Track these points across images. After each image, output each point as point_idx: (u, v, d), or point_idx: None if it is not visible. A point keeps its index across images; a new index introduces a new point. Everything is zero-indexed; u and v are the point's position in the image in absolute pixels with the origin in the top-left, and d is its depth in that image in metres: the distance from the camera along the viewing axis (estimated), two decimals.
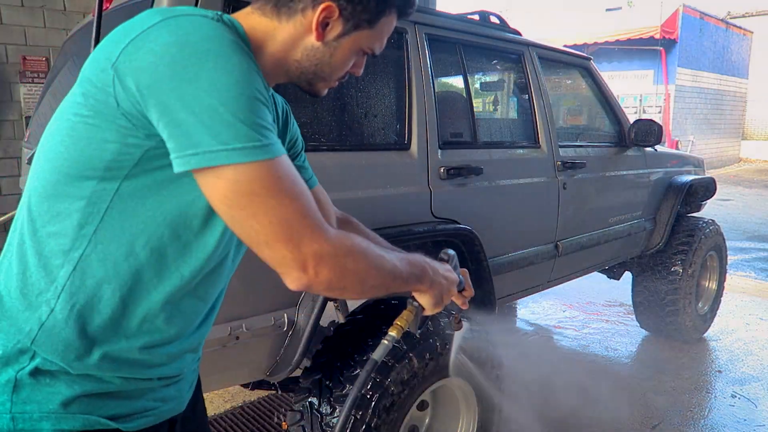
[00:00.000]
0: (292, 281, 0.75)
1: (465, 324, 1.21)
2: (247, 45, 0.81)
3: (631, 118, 3.28)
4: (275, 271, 0.76)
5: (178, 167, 0.71)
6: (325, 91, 0.95)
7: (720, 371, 3.34)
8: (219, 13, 0.81)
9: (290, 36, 0.86)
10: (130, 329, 0.79)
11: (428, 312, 1.03)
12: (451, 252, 1.10)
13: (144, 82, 0.69)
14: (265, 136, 0.71)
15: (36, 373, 0.75)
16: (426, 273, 0.95)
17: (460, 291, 1.11)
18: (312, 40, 0.87)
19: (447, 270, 1.03)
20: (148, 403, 0.84)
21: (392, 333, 1.03)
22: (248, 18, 0.86)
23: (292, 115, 1.11)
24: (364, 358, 1.69)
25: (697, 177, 3.72)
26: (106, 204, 0.75)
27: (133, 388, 0.82)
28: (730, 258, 5.68)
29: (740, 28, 17.55)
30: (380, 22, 0.90)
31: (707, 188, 3.85)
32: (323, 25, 0.86)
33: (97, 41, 1.65)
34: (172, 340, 0.85)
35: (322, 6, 0.84)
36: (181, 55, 0.69)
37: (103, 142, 0.73)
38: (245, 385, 2.04)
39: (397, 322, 1.05)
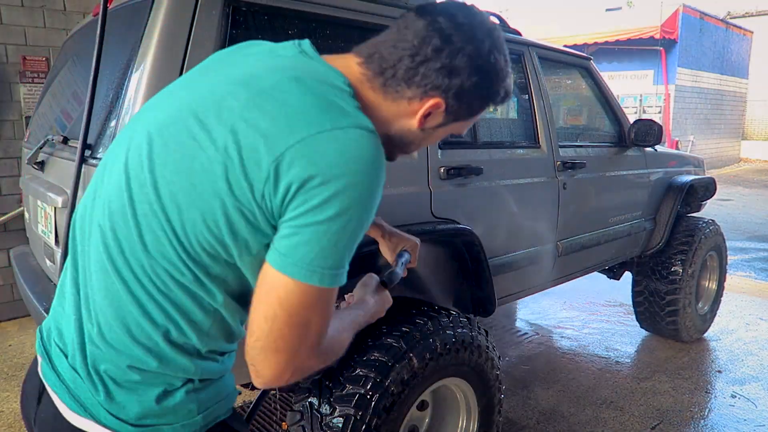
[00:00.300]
0: (262, 383, 0.81)
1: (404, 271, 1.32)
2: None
3: (631, 118, 3.28)
4: (247, 363, 0.81)
5: (273, 262, 0.77)
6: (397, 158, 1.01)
7: (720, 371, 3.35)
8: (350, 90, 0.85)
9: (391, 114, 0.91)
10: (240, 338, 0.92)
11: None
12: (395, 275, 1.21)
13: (297, 195, 0.74)
14: (348, 264, 0.80)
15: (205, 380, 0.88)
16: (366, 321, 1.06)
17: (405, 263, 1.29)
18: (411, 123, 0.91)
19: (381, 300, 1.13)
20: None
21: None
22: (361, 87, 0.89)
23: None
24: (365, 358, 1.69)
25: (697, 177, 3.72)
26: (226, 272, 0.83)
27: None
28: (730, 258, 5.68)
29: (740, 28, 17.55)
30: (477, 114, 0.96)
31: (707, 188, 3.85)
32: (426, 115, 0.90)
33: (101, 40, 1.65)
34: None
35: (431, 102, 0.88)
36: (338, 187, 0.74)
37: (242, 228, 0.79)
38: (245, 385, 2.04)
39: None
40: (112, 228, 0.84)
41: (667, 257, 3.52)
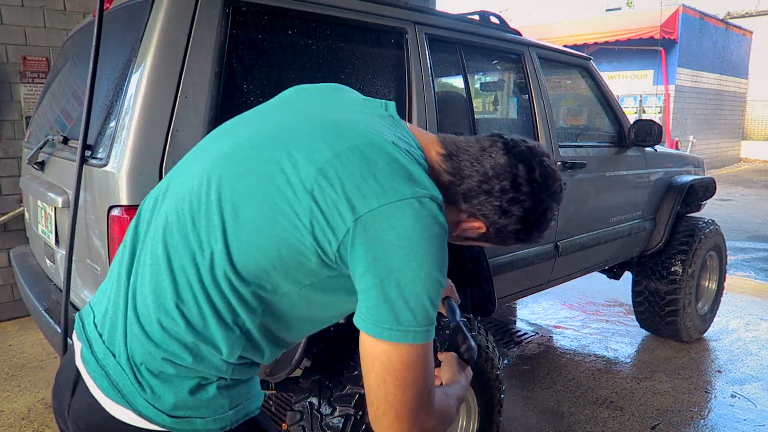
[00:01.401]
0: None
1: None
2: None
3: (631, 119, 3.28)
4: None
5: (366, 329, 0.82)
6: None
7: (720, 371, 3.34)
8: (425, 165, 0.93)
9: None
10: None
11: None
12: (473, 350, 1.19)
13: (372, 254, 0.80)
14: (435, 320, 0.84)
15: (235, 378, 0.91)
16: (463, 395, 1.09)
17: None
18: (450, 224, 0.97)
19: (468, 377, 1.17)
20: None
21: None
22: (432, 169, 0.97)
23: None
24: None
25: (697, 177, 3.72)
26: (277, 300, 0.88)
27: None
28: (730, 258, 5.68)
29: (740, 28, 17.55)
30: (506, 244, 1.06)
31: (707, 188, 3.85)
32: (464, 230, 1.02)
33: (98, 41, 1.65)
34: None
35: (475, 224, 1.00)
36: (413, 248, 0.79)
37: (307, 263, 0.84)
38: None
39: None
40: (178, 228, 0.88)
41: (667, 257, 3.52)
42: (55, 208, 1.94)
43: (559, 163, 2.66)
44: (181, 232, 0.87)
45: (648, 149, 3.37)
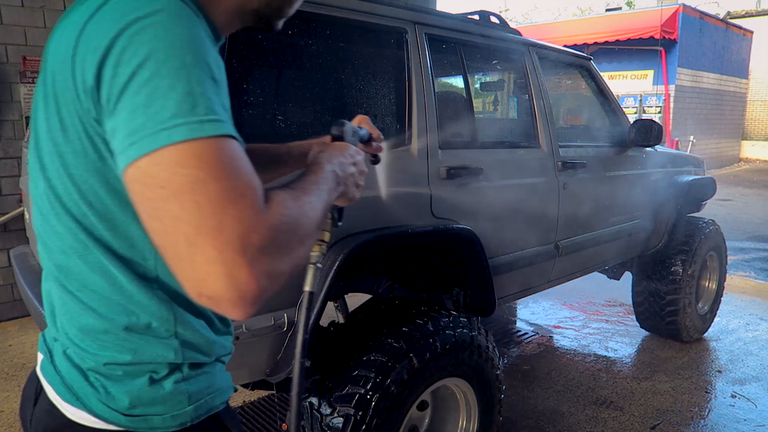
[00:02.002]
0: (231, 305, 0.60)
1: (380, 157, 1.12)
2: (196, 4, 0.70)
3: (631, 118, 3.29)
4: (198, 299, 0.61)
5: (126, 159, 0.60)
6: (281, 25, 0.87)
7: (720, 371, 3.35)
8: None
9: None
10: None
11: (351, 204, 0.96)
12: (342, 123, 0.95)
13: (90, 73, 0.63)
14: (213, 111, 0.60)
15: (194, 367, 0.85)
16: (336, 180, 0.86)
17: (366, 141, 1.03)
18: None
19: (350, 154, 0.93)
20: None
21: (315, 252, 0.91)
22: None
23: None
24: (365, 359, 1.69)
25: (697, 177, 3.72)
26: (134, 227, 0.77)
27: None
28: (730, 258, 5.68)
29: (740, 28, 17.55)
30: None
31: (707, 188, 3.86)
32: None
33: None
34: None
35: None
36: (130, 37, 0.60)
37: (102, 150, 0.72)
38: (245, 385, 2.04)
39: (319, 238, 0.94)
40: (36, 227, 0.84)
41: (667, 257, 3.52)
42: None
43: (560, 163, 2.66)
44: (40, 234, 0.83)
45: (648, 149, 3.37)
